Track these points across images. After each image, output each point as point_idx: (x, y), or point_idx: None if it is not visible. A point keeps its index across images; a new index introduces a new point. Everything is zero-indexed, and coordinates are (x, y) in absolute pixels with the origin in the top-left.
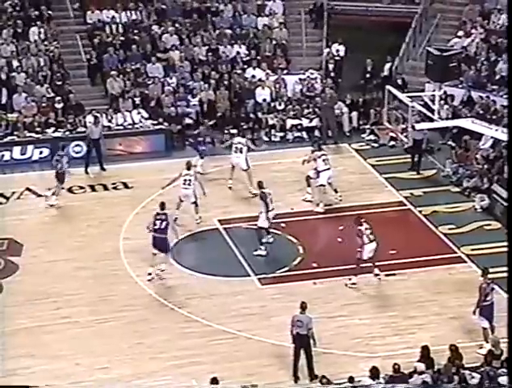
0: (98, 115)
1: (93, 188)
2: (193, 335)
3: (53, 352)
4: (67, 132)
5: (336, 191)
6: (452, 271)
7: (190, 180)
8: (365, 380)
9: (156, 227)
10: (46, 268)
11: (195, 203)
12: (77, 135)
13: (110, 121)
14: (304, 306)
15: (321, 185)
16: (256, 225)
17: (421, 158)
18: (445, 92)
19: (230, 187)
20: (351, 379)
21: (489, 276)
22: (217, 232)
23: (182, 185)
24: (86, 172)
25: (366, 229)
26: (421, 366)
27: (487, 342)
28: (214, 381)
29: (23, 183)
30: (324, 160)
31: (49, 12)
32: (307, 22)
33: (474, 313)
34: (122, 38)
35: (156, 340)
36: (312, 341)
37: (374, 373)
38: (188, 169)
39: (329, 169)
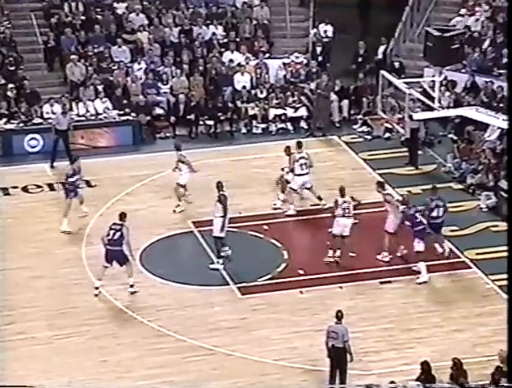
0: (67, 102)
1: (51, 187)
2: (165, 352)
3: (7, 372)
4: (21, 124)
5: (320, 198)
6: (455, 277)
7: (305, 164)
8: None
9: (109, 238)
10: None
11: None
12: (32, 127)
13: (69, 109)
14: (339, 316)
15: (292, 189)
16: (211, 233)
17: (418, 149)
18: (446, 77)
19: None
20: None
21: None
22: (192, 236)
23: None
24: (52, 167)
25: (344, 202)
26: (414, 386)
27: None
28: None
29: None
30: (301, 164)
31: None
32: None
33: None
34: (83, 17)
35: (123, 357)
36: (348, 355)
37: None
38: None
39: (306, 174)
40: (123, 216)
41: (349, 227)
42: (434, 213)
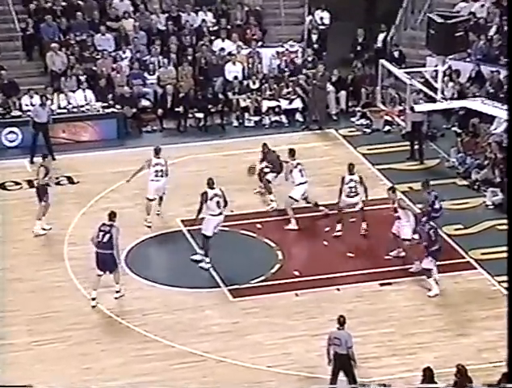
0: (49, 93)
1: (30, 184)
2: (152, 358)
3: None
4: None
5: (317, 204)
6: (459, 279)
7: (161, 171)
8: None
9: (98, 240)
10: None
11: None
12: (10, 120)
13: (51, 104)
14: (341, 321)
15: (293, 199)
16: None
17: (422, 144)
18: (449, 67)
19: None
20: None
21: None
22: (181, 235)
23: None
24: (32, 162)
25: (351, 180)
26: None
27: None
28: None
29: None
30: (300, 171)
31: None
32: None
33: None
34: (64, 3)
35: (108, 365)
36: (352, 361)
37: None
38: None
39: (306, 182)
40: (112, 215)
41: (358, 204)
42: (437, 205)
